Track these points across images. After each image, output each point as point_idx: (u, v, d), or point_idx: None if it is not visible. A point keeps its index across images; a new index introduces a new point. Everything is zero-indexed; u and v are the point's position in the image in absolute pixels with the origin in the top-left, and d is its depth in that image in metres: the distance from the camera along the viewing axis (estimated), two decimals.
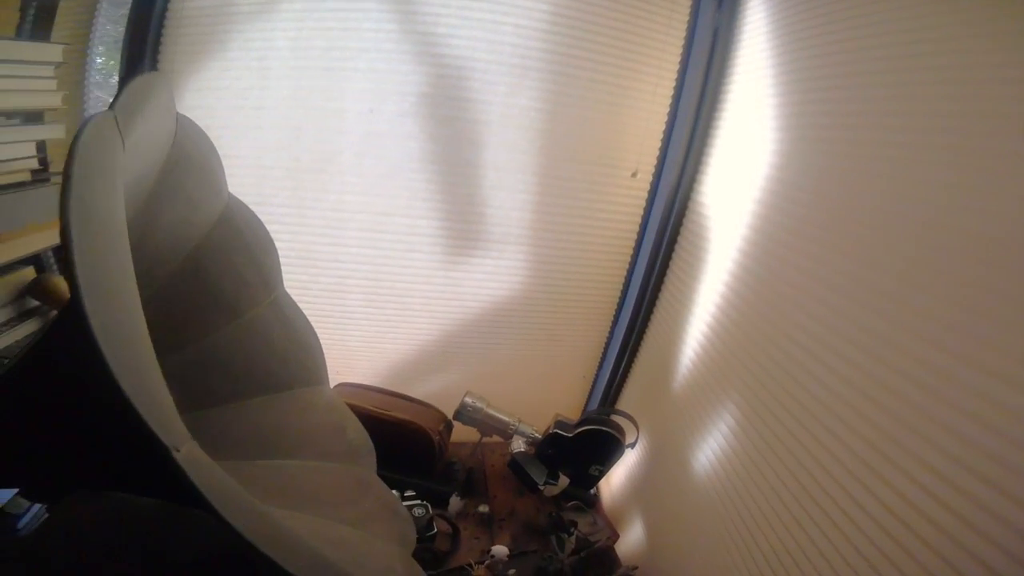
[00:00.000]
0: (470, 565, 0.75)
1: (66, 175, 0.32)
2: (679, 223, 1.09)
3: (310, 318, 1.10)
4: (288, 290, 1.09)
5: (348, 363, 1.16)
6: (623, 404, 1.24)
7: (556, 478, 1.02)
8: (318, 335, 1.13)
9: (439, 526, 0.91)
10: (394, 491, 0.94)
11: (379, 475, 0.99)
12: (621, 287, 1.22)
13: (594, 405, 1.31)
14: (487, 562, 0.72)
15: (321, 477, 0.73)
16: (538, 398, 1.24)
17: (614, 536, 0.97)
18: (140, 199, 0.58)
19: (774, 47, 0.84)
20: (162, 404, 0.34)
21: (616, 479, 1.16)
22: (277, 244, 1.04)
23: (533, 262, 1.15)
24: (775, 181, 0.80)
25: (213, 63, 0.91)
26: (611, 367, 1.26)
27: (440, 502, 0.98)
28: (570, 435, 1.04)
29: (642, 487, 1.04)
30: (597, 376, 1.31)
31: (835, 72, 0.70)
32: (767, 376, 0.72)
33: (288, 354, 0.85)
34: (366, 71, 0.95)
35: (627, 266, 1.20)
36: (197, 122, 0.98)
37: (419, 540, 0.84)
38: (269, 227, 1.02)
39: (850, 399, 0.57)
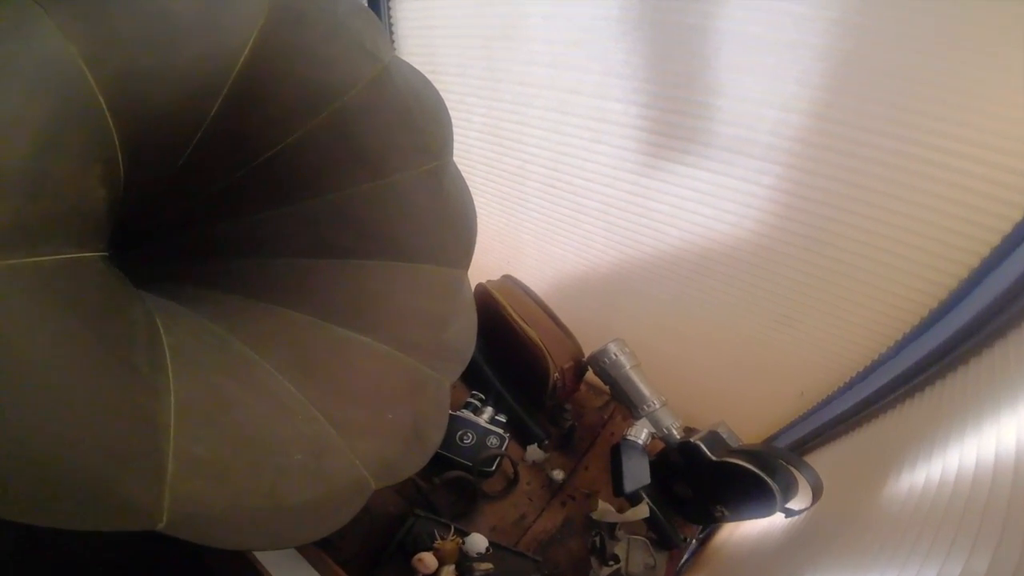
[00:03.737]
0: (447, 526, 0.67)
1: None
2: None
3: (490, 198, 1.05)
4: (474, 166, 1.04)
5: (517, 256, 1.08)
6: (831, 458, 0.82)
7: (673, 496, 0.79)
8: (496, 218, 1.07)
9: (506, 468, 0.83)
10: (488, 408, 0.90)
11: (490, 379, 0.95)
12: (958, 283, 0.64)
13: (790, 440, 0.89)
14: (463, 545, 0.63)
15: (374, 365, 0.71)
16: (716, 390, 0.93)
17: None
18: (233, 51, 0.57)
19: None
20: None
21: (738, 533, 0.84)
22: (472, 118, 0.98)
23: (786, 193, 0.73)
24: None
25: None
26: (858, 399, 0.77)
27: (527, 440, 0.89)
28: (714, 458, 0.76)
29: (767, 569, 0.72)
30: (826, 404, 0.85)
31: None
32: None
33: (428, 226, 0.83)
34: None
35: (990, 247, 0.60)
36: None
37: (471, 472, 0.79)
38: (466, 99, 0.96)
39: None
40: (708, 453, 0.75)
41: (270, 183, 0.71)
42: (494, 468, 0.82)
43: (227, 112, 0.60)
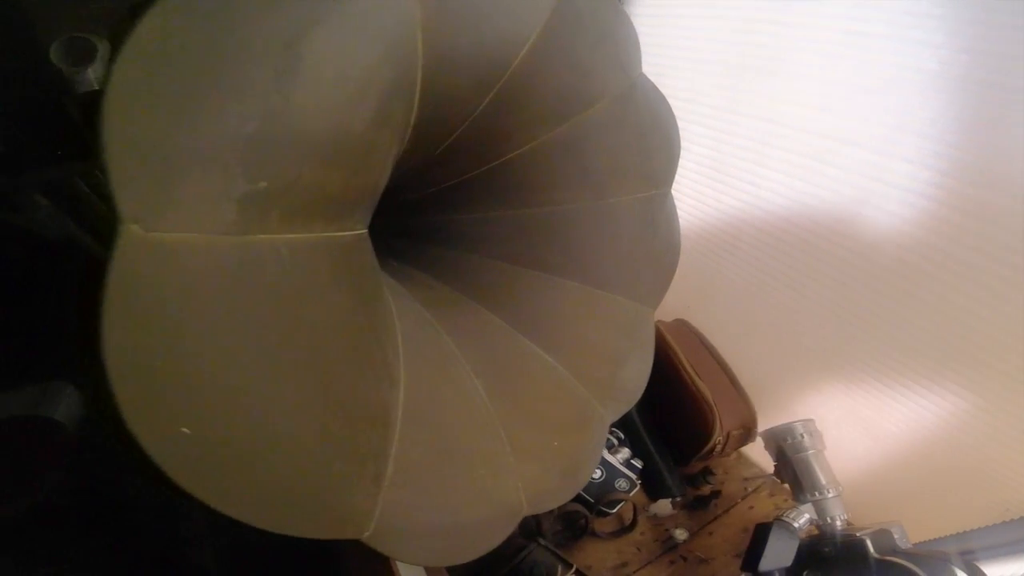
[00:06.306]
0: (568, 565, 0.63)
1: None
2: None
3: (692, 235, 0.98)
4: (681, 197, 0.97)
5: (702, 303, 0.99)
6: None
7: None
8: (691, 257, 1.00)
9: (623, 512, 0.79)
10: (625, 449, 0.86)
11: (635, 421, 0.90)
12: None
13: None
14: None
15: (552, 388, 0.70)
16: (893, 491, 0.81)
17: None
18: (518, 41, 0.54)
19: None
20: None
21: None
22: (695, 149, 0.92)
23: None
24: None
25: None
26: None
27: (657, 493, 0.84)
28: (877, 554, 0.68)
29: None
30: None
31: None
32: None
33: (628, 258, 0.80)
34: None
35: None
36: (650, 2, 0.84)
37: (590, 508, 0.78)
38: (692, 127, 0.90)
39: None
40: (871, 548, 0.67)
41: (504, 185, 0.71)
42: (612, 512, 0.79)
43: (493, 105, 0.58)
